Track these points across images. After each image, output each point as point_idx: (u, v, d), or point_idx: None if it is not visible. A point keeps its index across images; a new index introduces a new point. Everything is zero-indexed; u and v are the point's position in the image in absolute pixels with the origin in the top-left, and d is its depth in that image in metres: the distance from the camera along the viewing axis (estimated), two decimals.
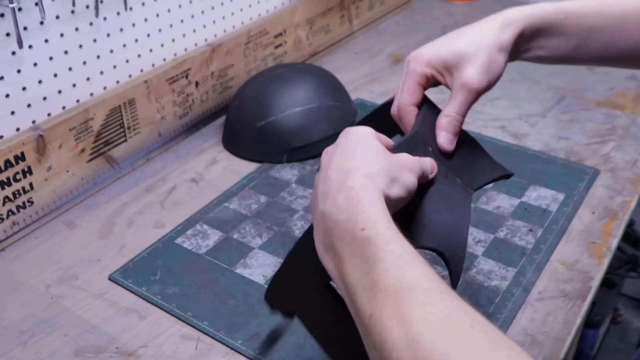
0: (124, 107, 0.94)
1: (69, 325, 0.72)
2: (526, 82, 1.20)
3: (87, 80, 0.91)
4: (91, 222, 0.88)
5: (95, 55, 0.91)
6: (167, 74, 0.99)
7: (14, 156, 0.81)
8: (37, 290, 0.77)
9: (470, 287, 0.76)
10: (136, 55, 0.97)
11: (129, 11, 0.93)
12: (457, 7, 1.55)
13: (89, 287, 0.77)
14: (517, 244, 0.82)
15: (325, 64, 1.27)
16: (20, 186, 0.82)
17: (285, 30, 1.20)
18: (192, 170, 0.99)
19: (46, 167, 0.85)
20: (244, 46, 1.11)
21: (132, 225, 0.87)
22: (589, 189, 0.92)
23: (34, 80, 0.84)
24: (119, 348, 0.69)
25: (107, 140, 0.93)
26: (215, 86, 1.09)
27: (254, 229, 0.86)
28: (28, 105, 0.84)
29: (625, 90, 1.18)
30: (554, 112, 1.11)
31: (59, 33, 0.85)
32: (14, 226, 0.84)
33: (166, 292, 0.76)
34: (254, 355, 0.68)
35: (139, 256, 0.81)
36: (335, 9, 1.31)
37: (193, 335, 0.71)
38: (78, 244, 0.84)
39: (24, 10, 0.80)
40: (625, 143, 1.03)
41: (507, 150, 1.00)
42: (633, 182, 0.93)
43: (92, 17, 0.88)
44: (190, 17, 1.04)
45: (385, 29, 1.44)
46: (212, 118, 1.10)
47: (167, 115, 1.01)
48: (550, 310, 0.73)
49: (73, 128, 0.87)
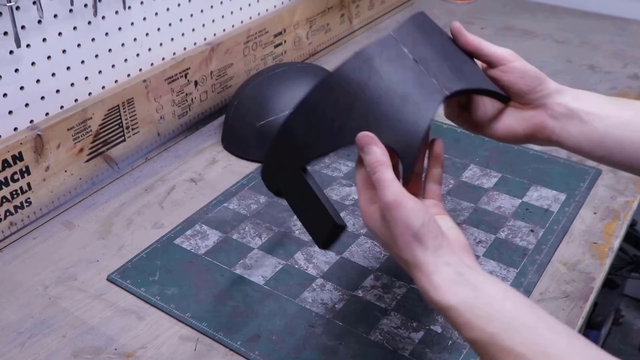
0: (122, 107, 0.93)
1: (67, 326, 0.72)
2: None
3: (85, 79, 0.90)
4: (90, 223, 0.88)
5: (93, 55, 0.90)
6: (166, 74, 0.98)
7: (12, 156, 0.80)
8: (35, 291, 0.76)
9: None
10: (135, 55, 0.97)
11: (127, 10, 0.93)
12: (457, 6, 1.55)
13: (88, 288, 0.77)
14: (519, 245, 0.82)
15: (325, 63, 1.26)
16: (18, 186, 0.82)
17: (284, 30, 1.19)
18: (191, 170, 0.98)
19: (44, 167, 0.85)
20: (244, 45, 1.11)
21: (131, 226, 0.87)
22: (590, 189, 0.91)
23: (32, 79, 0.84)
24: (117, 349, 0.69)
25: (105, 140, 0.92)
26: (215, 86, 1.08)
27: (254, 229, 0.85)
28: (26, 104, 0.84)
29: (627, 90, 1.17)
30: None
31: (57, 32, 0.84)
32: (11, 226, 0.83)
33: (165, 293, 0.75)
34: (254, 356, 0.67)
35: (138, 257, 0.81)
36: (335, 8, 1.31)
37: (192, 336, 0.71)
38: (76, 245, 0.84)
39: (22, 9, 0.79)
40: None
41: (508, 150, 1.00)
42: (635, 183, 0.93)
43: (90, 16, 0.88)
44: (189, 16, 1.03)
45: (385, 28, 1.44)
46: (212, 118, 1.10)
47: (166, 114, 1.01)
48: (551, 311, 0.73)
49: (71, 128, 0.87)
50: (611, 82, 1.19)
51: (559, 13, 1.49)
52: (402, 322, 0.71)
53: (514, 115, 0.67)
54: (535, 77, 0.65)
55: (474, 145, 1.01)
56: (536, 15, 1.49)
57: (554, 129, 0.65)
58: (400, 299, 0.74)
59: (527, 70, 0.65)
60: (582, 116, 0.64)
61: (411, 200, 0.54)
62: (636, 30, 1.40)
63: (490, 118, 0.68)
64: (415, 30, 0.62)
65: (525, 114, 0.66)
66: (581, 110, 0.64)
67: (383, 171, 0.55)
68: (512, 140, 0.68)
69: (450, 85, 0.60)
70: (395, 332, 0.70)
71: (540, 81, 0.65)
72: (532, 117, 0.66)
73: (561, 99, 0.65)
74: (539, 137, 0.66)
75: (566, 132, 0.64)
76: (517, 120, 0.67)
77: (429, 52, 0.62)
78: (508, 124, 0.67)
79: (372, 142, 0.57)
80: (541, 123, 0.65)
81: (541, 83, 0.65)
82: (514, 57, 0.65)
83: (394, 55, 0.60)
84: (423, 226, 0.53)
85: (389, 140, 0.57)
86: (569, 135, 0.64)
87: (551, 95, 0.65)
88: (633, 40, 1.36)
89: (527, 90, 0.65)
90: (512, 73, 0.65)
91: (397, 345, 0.69)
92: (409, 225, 0.53)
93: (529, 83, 0.65)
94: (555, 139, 0.65)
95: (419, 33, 0.62)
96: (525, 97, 0.65)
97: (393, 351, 0.68)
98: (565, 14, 1.49)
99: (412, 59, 0.60)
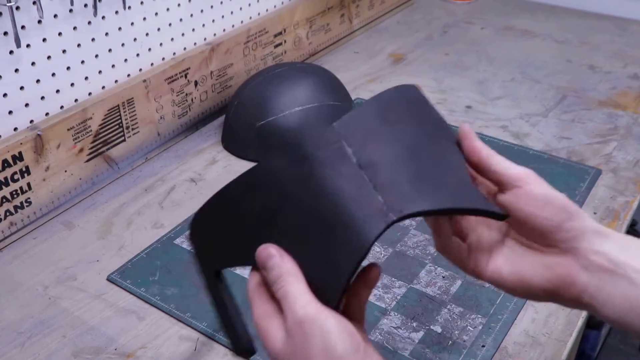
0: (122, 107, 0.93)
1: (67, 326, 0.72)
2: (527, 82, 1.20)
3: (85, 79, 0.90)
4: (90, 223, 0.88)
5: (93, 55, 0.90)
6: (166, 74, 0.98)
7: (12, 156, 0.80)
8: (35, 291, 0.76)
9: (471, 288, 0.76)
10: (135, 55, 0.97)
11: (127, 10, 0.93)
12: (458, 6, 1.55)
13: (88, 288, 0.77)
14: None
15: (325, 63, 1.26)
16: (18, 186, 0.82)
17: (284, 30, 1.19)
18: (191, 170, 0.98)
19: (44, 167, 0.85)
20: (244, 45, 1.11)
21: (131, 226, 0.87)
22: (590, 189, 0.91)
23: (32, 79, 0.84)
24: (117, 349, 0.69)
25: (105, 140, 0.92)
26: (215, 85, 1.08)
27: None
28: (26, 104, 0.84)
29: (627, 90, 1.17)
30: (555, 112, 1.11)
31: (57, 32, 0.84)
32: (11, 226, 0.83)
33: (165, 293, 0.75)
34: (253, 356, 0.67)
35: (138, 257, 0.81)
36: (335, 8, 1.31)
37: (192, 336, 0.71)
38: (76, 245, 0.84)
39: (22, 9, 0.79)
40: (627, 143, 1.02)
41: (509, 150, 1.00)
42: (635, 182, 0.93)
43: (90, 16, 0.88)
44: (189, 16, 1.03)
45: (385, 28, 1.44)
46: (212, 118, 1.10)
47: (166, 114, 1.01)
48: (551, 311, 0.73)
49: (71, 128, 0.87)
50: (611, 82, 1.19)
51: (559, 13, 1.49)
52: (402, 322, 0.71)
53: (528, 259, 0.48)
54: (562, 209, 0.46)
55: None
56: (536, 15, 1.49)
57: (587, 287, 0.46)
58: (400, 299, 0.74)
59: (551, 198, 0.46)
60: (630, 275, 0.45)
61: (333, 320, 0.41)
62: (636, 30, 1.40)
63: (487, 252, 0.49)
64: (379, 116, 0.47)
65: (547, 260, 0.47)
66: (630, 267, 0.45)
67: (292, 282, 0.43)
68: (524, 293, 0.49)
69: (404, 204, 0.43)
70: (395, 332, 0.70)
71: (569, 215, 0.46)
72: (557, 265, 0.47)
73: (601, 245, 0.46)
74: (564, 295, 0.47)
75: (605, 294, 0.45)
76: (532, 267, 0.48)
77: (388, 152, 0.45)
78: (518, 269, 0.48)
79: (273, 255, 0.44)
80: (569, 277, 0.46)
81: (571, 218, 0.46)
82: (533, 179, 0.47)
83: (332, 157, 0.45)
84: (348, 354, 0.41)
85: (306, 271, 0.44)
86: (609, 298, 0.45)
87: (586, 237, 0.46)
88: (633, 40, 1.36)
89: (549, 226, 0.46)
90: (529, 200, 0.46)
91: (397, 345, 0.69)
92: (327, 349, 0.40)
93: (552, 217, 0.46)
94: (586, 301, 0.46)
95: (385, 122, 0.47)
96: (547, 238, 0.47)
97: (393, 351, 0.68)
98: (565, 14, 1.49)
99: (355, 164, 0.44)
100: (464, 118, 1.09)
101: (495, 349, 0.68)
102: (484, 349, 0.68)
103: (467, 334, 0.70)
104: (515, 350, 0.68)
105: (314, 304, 0.42)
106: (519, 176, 0.47)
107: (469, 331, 0.70)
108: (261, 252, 0.45)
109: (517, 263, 0.48)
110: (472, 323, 0.71)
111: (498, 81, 1.21)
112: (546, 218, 0.46)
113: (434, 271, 0.78)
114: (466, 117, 1.09)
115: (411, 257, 0.80)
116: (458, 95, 1.16)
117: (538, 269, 0.47)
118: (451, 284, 0.76)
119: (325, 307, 0.42)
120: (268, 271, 0.45)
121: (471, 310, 0.73)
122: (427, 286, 0.76)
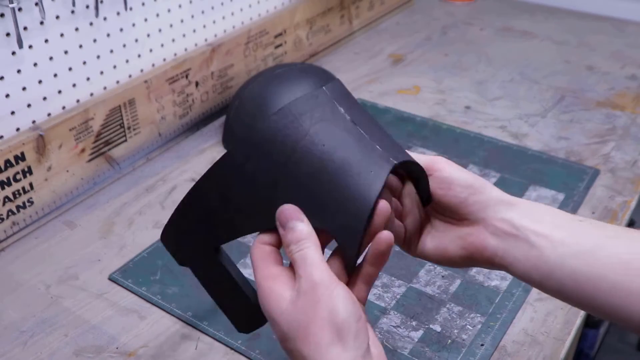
0: (124, 107, 0.94)
1: (69, 325, 0.72)
2: (526, 82, 1.20)
3: (87, 80, 0.91)
4: (91, 222, 0.88)
5: (95, 55, 0.91)
6: (167, 74, 0.99)
7: (14, 156, 0.81)
8: (37, 290, 0.77)
9: (470, 287, 0.76)
10: (136, 55, 0.97)
11: (129, 11, 0.93)
12: (457, 7, 1.55)
13: (89, 287, 0.77)
14: None
15: (326, 64, 1.27)
16: (20, 186, 0.82)
17: (285, 31, 1.20)
18: (192, 170, 0.99)
19: (46, 167, 0.85)
20: (244, 46, 1.11)
21: (132, 225, 0.87)
22: (589, 189, 0.92)
23: (34, 80, 0.84)
24: (119, 348, 0.69)
25: (107, 140, 0.93)
26: (215, 86, 1.09)
27: None
28: (28, 105, 0.84)
29: (625, 90, 1.18)
30: (554, 112, 1.11)
31: (59, 33, 0.85)
32: (14, 226, 0.84)
33: (166, 292, 0.76)
34: (254, 355, 0.68)
35: (139, 256, 0.81)
36: (335, 9, 1.31)
37: (193, 335, 0.71)
38: (78, 244, 0.84)
39: (24, 10, 0.80)
40: (625, 143, 1.03)
41: (507, 150, 1.00)
42: (633, 182, 0.93)
43: (92, 17, 0.88)
44: (190, 17, 1.04)
45: (385, 29, 1.44)
46: (212, 118, 1.10)
47: (167, 115, 1.01)
48: (550, 310, 0.73)
49: (73, 128, 0.87)
50: (609, 83, 1.20)
51: (558, 14, 1.50)
52: (401, 321, 0.72)
53: (446, 233, 0.55)
54: (467, 186, 0.52)
55: (472, 146, 1.02)
56: (535, 16, 1.49)
57: (496, 250, 0.52)
58: (399, 298, 0.75)
59: (454, 180, 0.52)
60: (530, 238, 0.50)
61: (343, 289, 0.44)
62: (634, 31, 1.41)
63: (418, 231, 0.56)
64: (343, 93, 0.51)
65: (461, 231, 0.54)
66: (530, 231, 0.50)
67: (311, 247, 0.45)
68: (446, 262, 0.55)
69: (395, 154, 0.49)
70: (395, 331, 0.71)
71: (473, 191, 0.52)
72: (469, 234, 0.53)
73: (505, 213, 0.52)
74: (479, 259, 0.53)
75: (511, 256, 0.51)
76: (450, 239, 0.54)
77: (363, 117, 0.51)
78: (439, 243, 0.55)
79: (295, 217, 0.46)
80: (480, 243, 0.52)
81: (475, 193, 0.52)
82: (441, 166, 0.53)
83: (329, 114, 0.49)
84: (349, 320, 0.43)
85: (322, 222, 0.47)
86: (514, 259, 0.51)
87: (492, 207, 0.52)
88: (631, 41, 1.36)
89: (456, 203, 0.53)
90: (438, 184, 0.53)
91: (396, 344, 0.69)
92: (332, 311, 0.43)
93: (458, 194, 0.52)
94: (498, 262, 0.52)
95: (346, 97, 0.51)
96: (458, 212, 0.53)
97: (392, 350, 0.68)
98: (564, 15, 1.49)
99: (349, 120, 0.49)
100: (463, 118, 1.10)
101: (494, 348, 0.69)
102: (482, 348, 0.68)
103: (466, 332, 0.70)
104: (514, 349, 0.69)
105: (329, 272, 0.45)
106: (428, 164, 0.53)
107: (468, 330, 0.71)
108: (284, 211, 0.47)
109: (439, 238, 0.55)
110: (471, 322, 0.72)
111: (497, 82, 1.21)
112: (454, 196, 0.52)
113: (433, 270, 0.79)
114: (465, 117, 1.10)
115: (410, 256, 0.80)
116: (457, 95, 1.17)
117: (455, 240, 0.54)
118: (450, 283, 0.77)
119: (339, 280, 0.45)
120: (288, 231, 0.46)
121: (470, 309, 0.73)
122: (426, 285, 0.77)
